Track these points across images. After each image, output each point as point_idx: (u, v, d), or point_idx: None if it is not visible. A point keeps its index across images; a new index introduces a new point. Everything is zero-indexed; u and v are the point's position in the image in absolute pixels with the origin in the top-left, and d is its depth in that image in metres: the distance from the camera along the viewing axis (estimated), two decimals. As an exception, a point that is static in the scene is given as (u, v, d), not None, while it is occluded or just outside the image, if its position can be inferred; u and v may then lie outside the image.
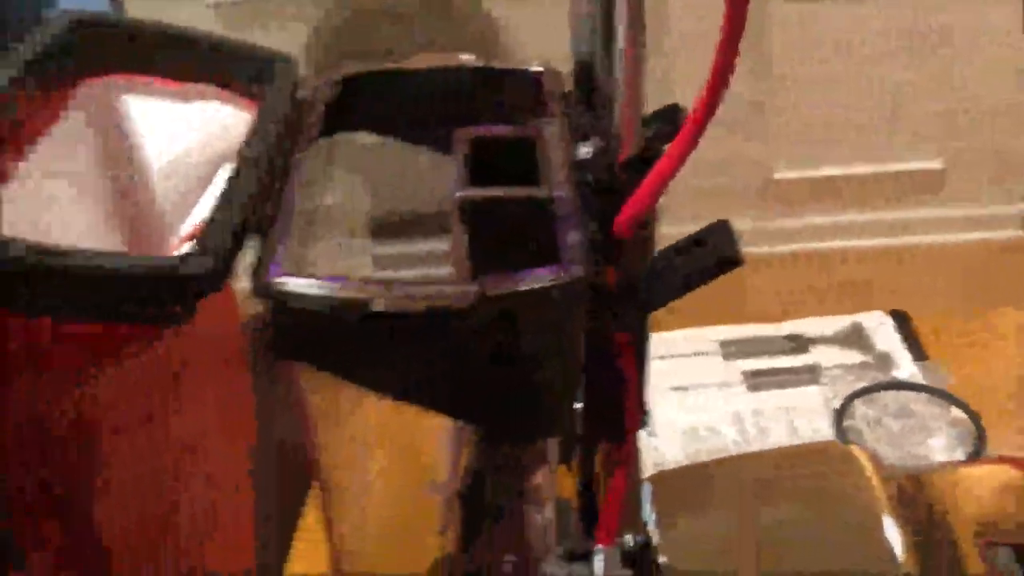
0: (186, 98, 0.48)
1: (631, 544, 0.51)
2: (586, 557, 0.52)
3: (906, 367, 0.80)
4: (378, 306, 0.33)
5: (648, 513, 0.54)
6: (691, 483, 0.56)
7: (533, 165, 0.41)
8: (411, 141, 0.50)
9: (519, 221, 0.39)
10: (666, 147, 0.38)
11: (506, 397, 0.35)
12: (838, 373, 0.80)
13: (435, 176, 0.52)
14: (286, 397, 0.61)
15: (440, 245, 0.39)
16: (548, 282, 0.34)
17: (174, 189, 0.48)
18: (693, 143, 0.37)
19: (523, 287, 0.34)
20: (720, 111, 0.37)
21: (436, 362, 0.34)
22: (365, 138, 0.50)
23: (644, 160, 0.40)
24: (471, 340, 0.34)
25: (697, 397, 0.80)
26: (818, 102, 2.19)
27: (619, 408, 0.43)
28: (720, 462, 0.62)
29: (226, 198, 0.38)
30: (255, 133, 0.42)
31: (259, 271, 0.34)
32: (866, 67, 2.18)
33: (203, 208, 0.46)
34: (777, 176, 2.43)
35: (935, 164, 2.30)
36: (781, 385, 0.80)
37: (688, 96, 0.39)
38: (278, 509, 0.84)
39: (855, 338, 0.85)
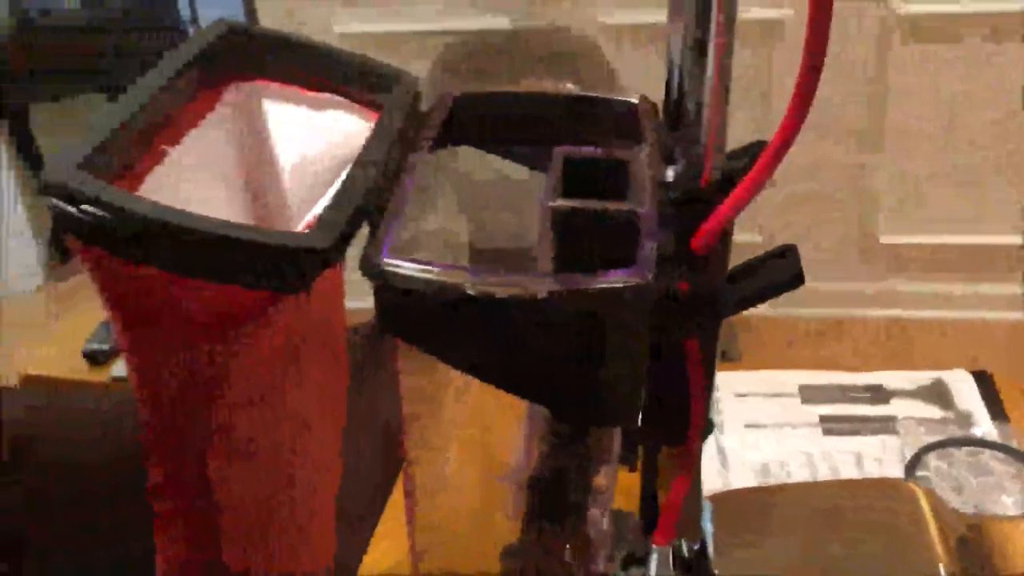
0: (317, 106, 0.54)
1: (687, 551, 0.54)
2: (643, 561, 0.55)
3: (985, 426, 0.81)
4: (470, 290, 0.37)
5: (707, 528, 0.56)
6: (752, 505, 0.59)
7: (622, 184, 0.45)
8: (513, 159, 0.55)
9: (602, 231, 0.43)
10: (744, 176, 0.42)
11: (573, 385, 0.39)
12: (914, 426, 0.82)
13: (530, 204, 0.57)
14: (381, 385, 0.66)
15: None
16: (620, 283, 0.38)
17: (299, 187, 0.54)
18: (768, 173, 0.41)
19: (597, 286, 0.38)
20: (829, 170, 0.40)
21: (515, 346, 0.38)
22: (471, 154, 0.55)
23: (723, 185, 0.44)
24: (547, 329, 0.38)
25: (772, 436, 0.82)
26: (932, 163, 2.17)
27: (684, 413, 0.46)
28: (783, 488, 0.64)
29: (345, 189, 0.43)
30: (374, 138, 0.47)
31: (370, 253, 0.39)
32: (989, 128, 2.16)
33: (323, 205, 0.51)
34: (884, 240, 2.42)
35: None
36: (856, 432, 0.82)
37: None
38: (363, 496, 0.89)
39: (935, 394, 0.86)
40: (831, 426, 0.82)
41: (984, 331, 1.40)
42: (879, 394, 0.86)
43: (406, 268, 0.38)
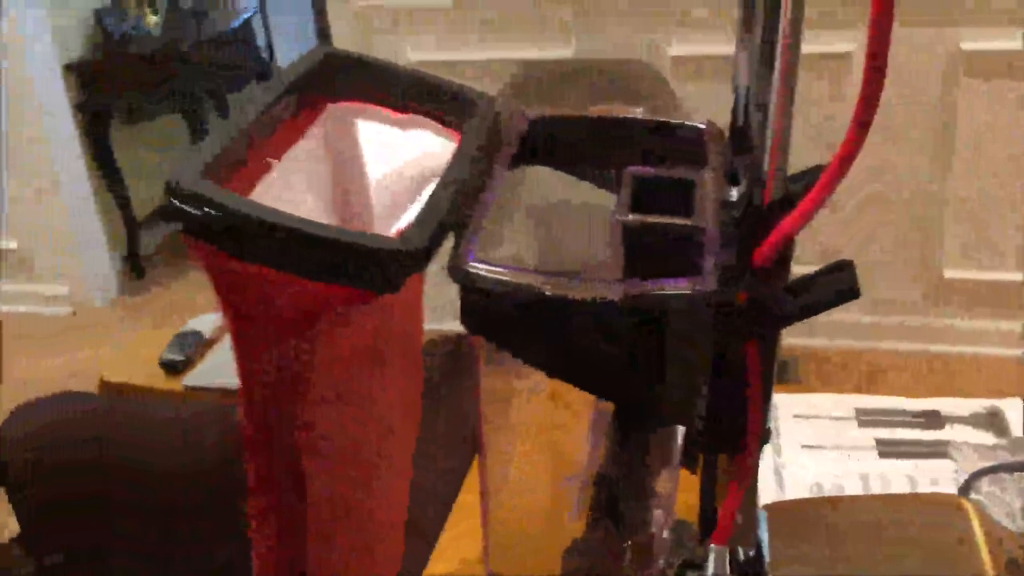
0: (404, 126, 0.58)
1: (743, 557, 0.57)
2: (700, 567, 0.58)
3: (1038, 453, 0.82)
4: (548, 292, 0.40)
5: (762, 536, 0.59)
6: (806, 515, 0.61)
7: (688, 203, 0.49)
8: (583, 179, 0.59)
9: (668, 245, 0.46)
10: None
11: (638, 383, 0.43)
12: (969, 451, 0.83)
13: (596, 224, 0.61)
14: (455, 402, 0.69)
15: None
16: (686, 291, 0.41)
17: (386, 200, 0.58)
18: (828, 192, 0.44)
19: (665, 292, 0.41)
20: (899, 205, 0.43)
21: (586, 345, 0.42)
22: (544, 174, 0.59)
23: (783, 204, 0.47)
24: (616, 330, 0.41)
25: (828, 456, 0.84)
26: (1001, 199, 2.16)
27: (742, 421, 0.49)
28: (837, 499, 0.66)
29: (432, 202, 0.47)
30: (458, 156, 0.51)
31: (456, 258, 0.43)
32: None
33: (407, 219, 0.55)
34: (948, 275, 2.40)
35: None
36: (911, 455, 0.84)
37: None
38: (429, 509, 0.93)
39: (991, 421, 0.87)
40: (886, 449, 0.84)
41: None
42: (934, 419, 0.88)
43: (489, 272, 0.42)
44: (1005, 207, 2.23)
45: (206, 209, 0.41)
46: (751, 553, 0.57)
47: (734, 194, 0.49)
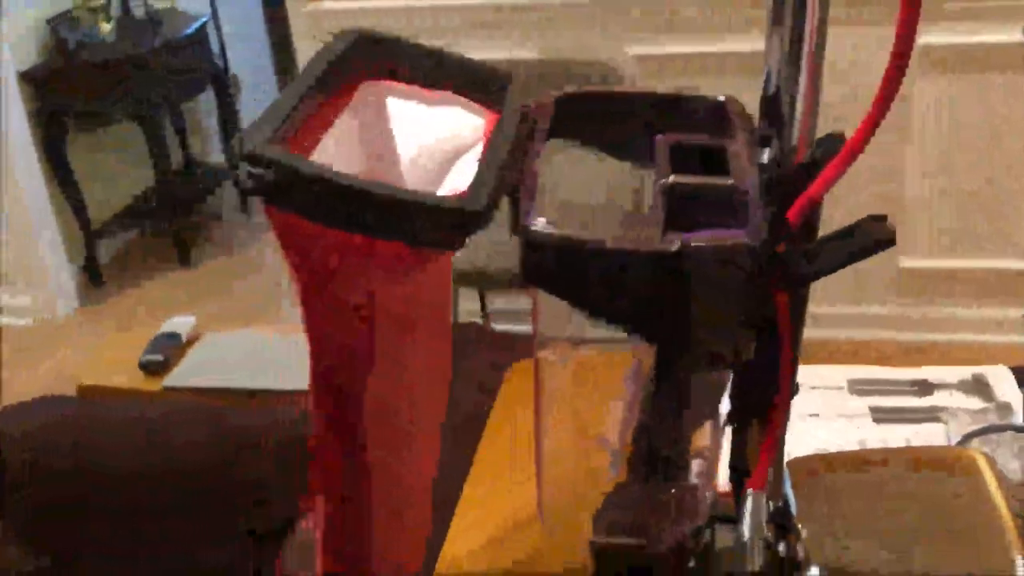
0: (434, 103, 0.60)
1: (772, 508, 0.60)
2: (730, 520, 0.61)
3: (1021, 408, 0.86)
4: (611, 245, 0.43)
5: (788, 489, 0.62)
6: (828, 467, 0.64)
7: (721, 168, 0.51)
8: (610, 152, 0.61)
9: (709, 205, 0.49)
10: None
11: (688, 328, 0.45)
12: (959, 415, 0.87)
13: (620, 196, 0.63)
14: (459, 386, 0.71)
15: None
16: (736, 241, 0.44)
17: (417, 175, 0.60)
18: (859, 150, 0.47)
19: (718, 243, 0.43)
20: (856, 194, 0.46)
21: (642, 293, 0.44)
22: (574, 149, 0.61)
23: (811, 167, 0.50)
24: (670, 279, 0.44)
25: (828, 424, 0.87)
26: (955, 192, 2.23)
27: (775, 370, 0.52)
28: (857, 453, 0.70)
29: (484, 169, 0.49)
30: (500, 128, 0.53)
31: (518, 218, 0.45)
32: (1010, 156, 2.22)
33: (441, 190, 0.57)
34: (905, 265, 2.46)
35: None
36: (905, 421, 0.87)
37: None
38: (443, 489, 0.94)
39: (977, 387, 0.91)
40: (881, 416, 0.88)
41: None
42: (924, 387, 0.92)
43: (554, 229, 0.44)
44: (963, 197, 2.30)
45: (287, 174, 0.42)
46: (779, 504, 0.60)
47: (766, 157, 0.51)
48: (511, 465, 0.90)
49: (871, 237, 0.47)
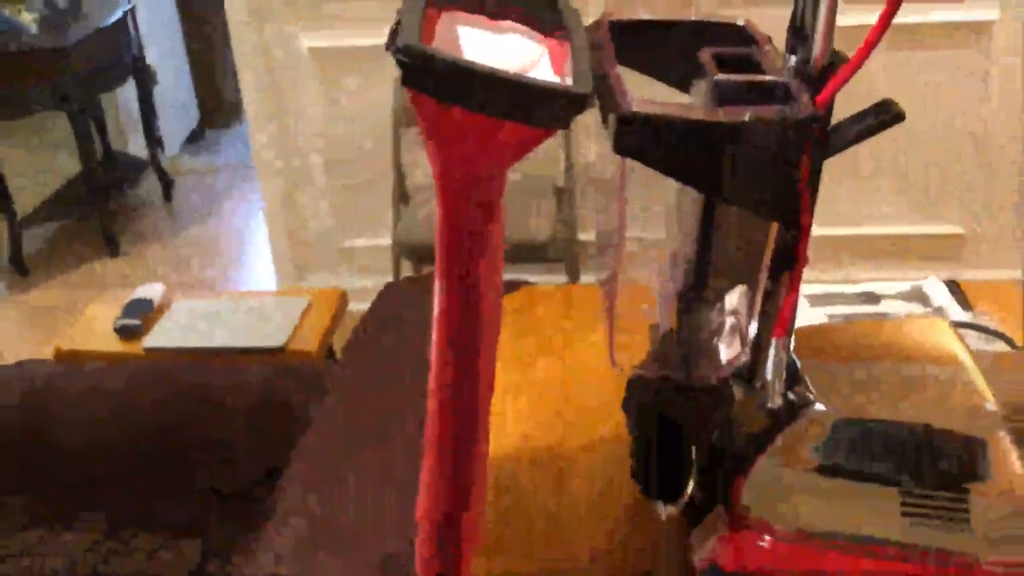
0: (500, 31, 0.71)
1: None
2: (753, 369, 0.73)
3: (957, 315, 1.02)
4: (699, 116, 0.55)
5: (794, 352, 0.75)
6: (830, 335, 0.77)
7: (758, 70, 0.64)
8: (652, 73, 0.73)
9: (751, 98, 0.61)
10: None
11: (761, 186, 0.57)
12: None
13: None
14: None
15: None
16: (799, 112, 0.56)
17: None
18: (864, 57, 0.60)
19: (784, 115, 0.56)
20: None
21: (722, 158, 0.56)
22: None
23: (830, 68, 0.63)
24: (742, 143, 0.56)
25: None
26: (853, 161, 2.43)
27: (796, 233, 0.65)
28: (851, 324, 0.83)
29: (579, 65, 0.60)
30: (574, 40, 0.65)
31: (616, 105, 0.57)
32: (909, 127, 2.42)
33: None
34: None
35: (956, 229, 2.54)
36: (859, 324, 1.02)
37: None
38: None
39: (916, 296, 1.06)
40: (838, 322, 1.02)
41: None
42: (871, 297, 1.06)
43: (646, 107, 0.56)
44: (857, 169, 2.51)
45: (437, 64, 0.53)
46: (788, 361, 0.73)
47: (793, 60, 0.64)
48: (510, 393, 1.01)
49: (884, 114, 0.60)
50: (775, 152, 0.57)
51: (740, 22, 0.71)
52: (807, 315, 1.05)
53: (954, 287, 1.08)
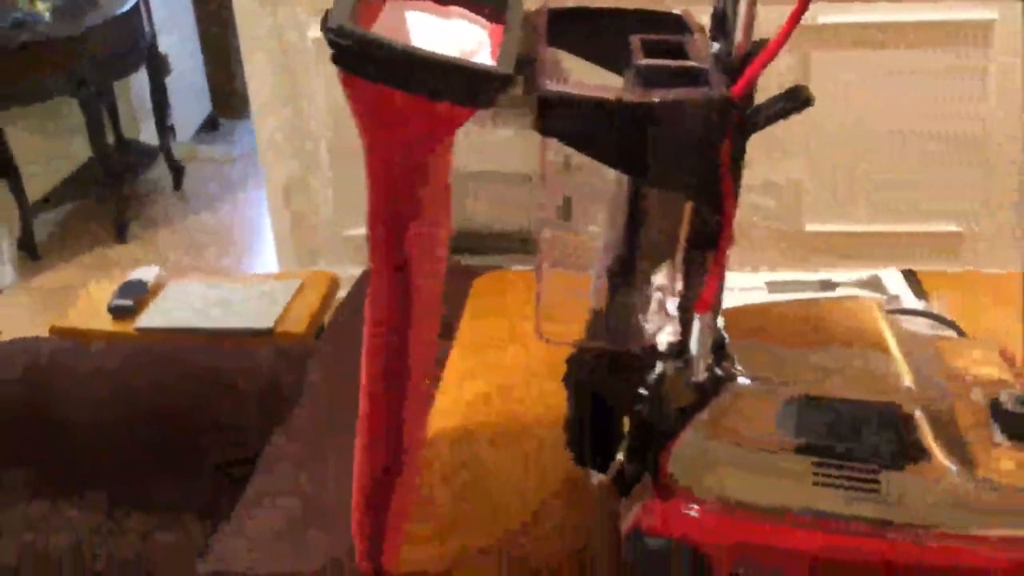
0: (445, 15, 0.74)
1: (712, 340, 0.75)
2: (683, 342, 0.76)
3: (911, 303, 1.04)
4: (610, 96, 0.58)
5: (722, 329, 0.78)
6: (754, 314, 0.80)
7: (683, 57, 0.67)
8: (590, 58, 0.76)
9: (673, 81, 0.64)
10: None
11: (665, 158, 0.61)
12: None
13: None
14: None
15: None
16: (707, 94, 0.59)
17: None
18: (777, 48, 0.62)
19: (687, 95, 0.59)
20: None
21: (633, 137, 0.60)
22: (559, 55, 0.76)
23: (748, 57, 0.66)
24: (657, 124, 0.59)
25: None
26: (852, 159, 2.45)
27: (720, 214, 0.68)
28: (777, 304, 0.86)
29: (506, 48, 0.63)
30: (510, 25, 0.68)
31: (534, 82, 0.60)
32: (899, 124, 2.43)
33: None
34: (808, 228, 2.69)
35: (952, 227, 2.56)
36: (814, 311, 1.05)
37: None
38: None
39: (873, 284, 1.09)
40: (770, 302, 1.05)
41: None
42: (829, 285, 1.09)
43: (564, 87, 0.59)
44: (856, 166, 2.53)
45: (362, 44, 0.56)
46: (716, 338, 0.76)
47: (716, 49, 0.67)
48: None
49: (794, 99, 0.63)
50: (686, 133, 0.60)
51: (678, 11, 0.74)
52: (769, 300, 1.07)
53: (911, 276, 1.10)
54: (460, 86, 0.59)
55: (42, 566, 1.55)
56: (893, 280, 1.09)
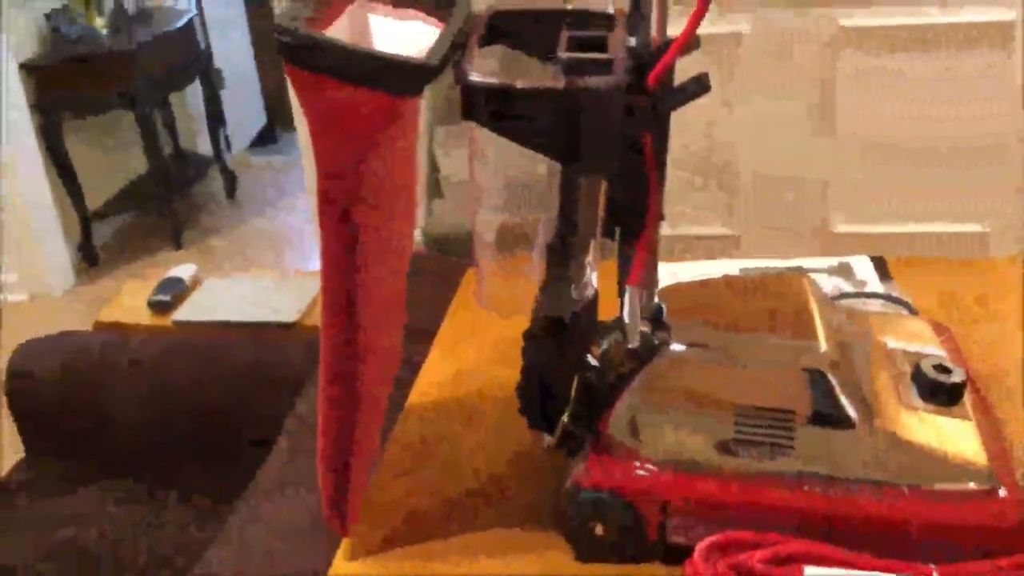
0: (403, 17, 0.82)
1: (651, 313, 0.82)
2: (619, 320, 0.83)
3: (875, 287, 1.09)
4: (521, 85, 0.65)
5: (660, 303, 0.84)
6: (690, 289, 0.86)
7: (604, 49, 0.74)
8: (529, 53, 0.83)
9: (592, 71, 0.71)
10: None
11: (578, 143, 0.67)
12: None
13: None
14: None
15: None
16: (607, 83, 0.66)
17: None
18: (690, 35, 0.69)
19: (594, 84, 0.66)
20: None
21: (545, 121, 0.66)
22: (503, 51, 0.83)
23: (663, 48, 0.72)
24: (562, 110, 0.66)
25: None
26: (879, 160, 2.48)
27: (643, 206, 0.74)
28: (716, 279, 0.92)
29: (437, 45, 0.70)
30: (449, 25, 0.75)
31: (460, 72, 0.67)
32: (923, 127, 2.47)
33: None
34: (837, 229, 2.72)
35: (978, 228, 2.58)
36: (781, 294, 1.10)
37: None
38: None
39: (842, 271, 1.14)
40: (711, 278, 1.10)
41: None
42: (800, 271, 1.14)
43: (484, 78, 0.66)
44: (883, 167, 2.55)
45: (303, 40, 0.64)
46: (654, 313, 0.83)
47: (633, 42, 0.74)
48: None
49: (698, 86, 0.69)
50: (590, 116, 0.67)
51: (611, 10, 0.81)
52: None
53: (879, 262, 1.15)
54: (387, 76, 0.66)
55: (82, 561, 1.65)
56: (862, 266, 1.14)
